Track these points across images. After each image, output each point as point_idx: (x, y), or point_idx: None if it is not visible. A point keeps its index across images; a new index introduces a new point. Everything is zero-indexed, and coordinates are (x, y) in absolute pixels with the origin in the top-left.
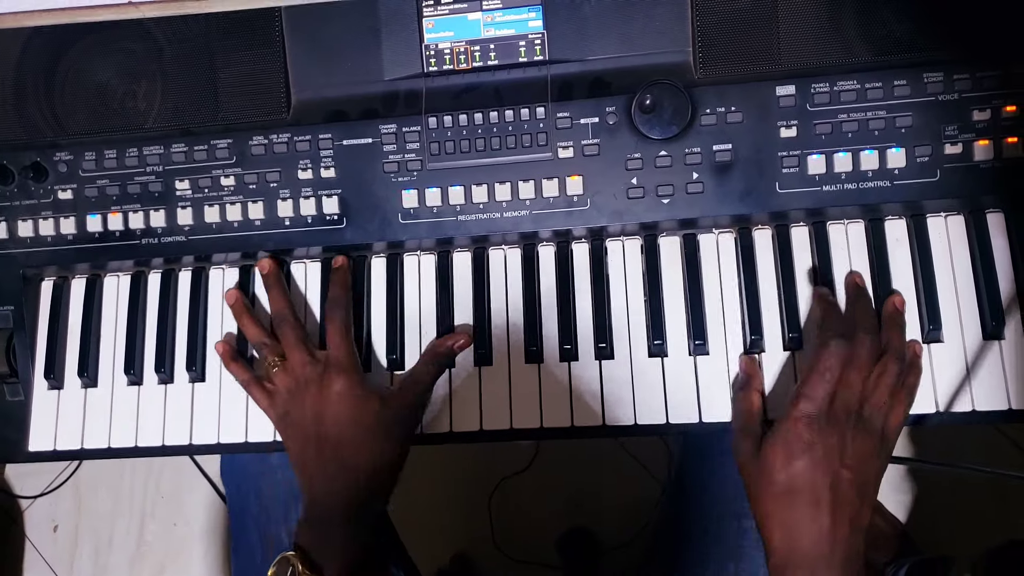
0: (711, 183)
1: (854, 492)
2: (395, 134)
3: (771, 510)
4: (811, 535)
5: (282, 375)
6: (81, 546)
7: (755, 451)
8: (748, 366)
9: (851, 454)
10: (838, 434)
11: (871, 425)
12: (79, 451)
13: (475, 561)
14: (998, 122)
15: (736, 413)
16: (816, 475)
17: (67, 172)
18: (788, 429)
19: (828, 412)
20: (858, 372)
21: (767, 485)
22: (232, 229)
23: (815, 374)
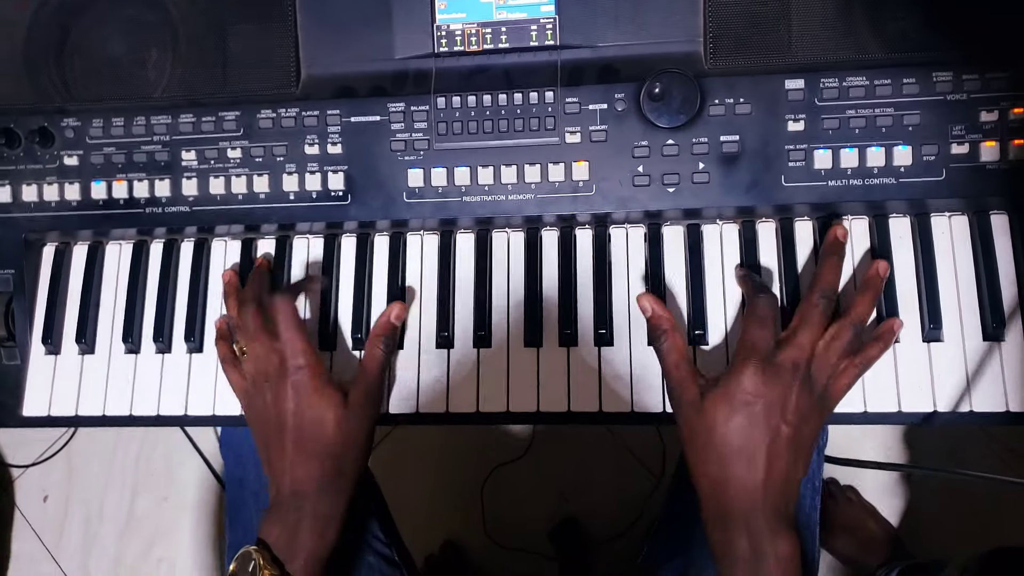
0: (717, 174)
1: (792, 448)
2: (403, 113)
3: (707, 462)
4: (744, 490)
5: (248, 363)
6: (71, 517)
7: (697, 400)
8: (654, 306)
9: (792, 410)
10: (782, 387)
11: (815, 384)
12: (73, 418)
13: (466, 549)
14: (1005, 124)
15: (668, 362)
16: (755, 430)
17: (74, 138)
18: (730, 381)
19: (774, 364)
20: (808, 331)
21: (706, 437)
22: (236, 202)
23: (750, 323)
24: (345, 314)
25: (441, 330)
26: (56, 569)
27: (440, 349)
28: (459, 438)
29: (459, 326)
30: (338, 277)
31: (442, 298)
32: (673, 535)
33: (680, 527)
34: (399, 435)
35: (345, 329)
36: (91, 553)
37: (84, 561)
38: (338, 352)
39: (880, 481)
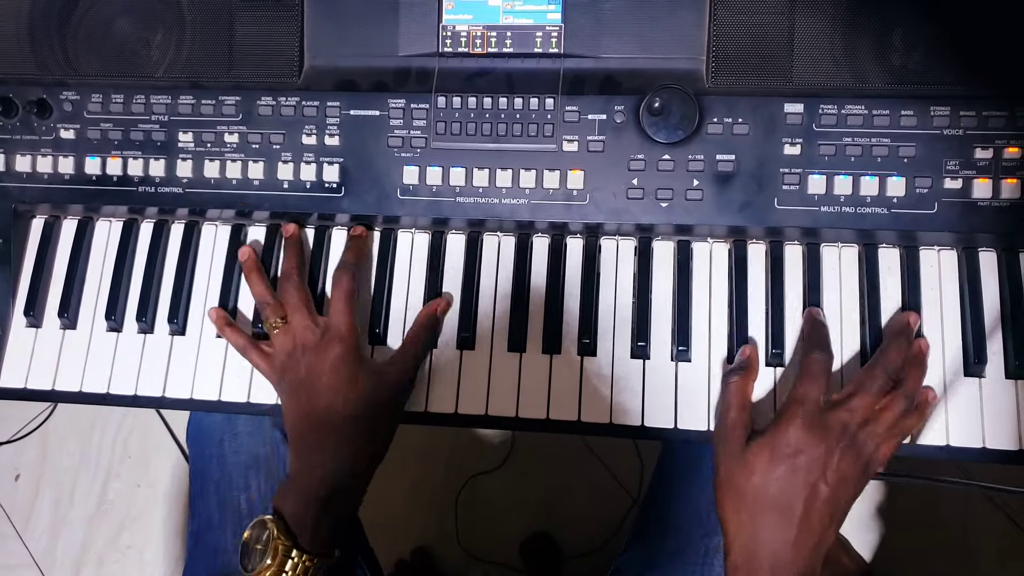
0: (711, 192)
1: (827, 510)
2: (403, 109)
3: (740, 509)
4: (775, 542)
5: (282, 337)
6: (41, 498)
7: (742, 445)
8: (752, 355)
9: (833, 471)
10: (826, 447)
11: (861, 450)
12: (50, 392)
13: (436, 556)
14: (999, 162)
15: (729, 399)
16: (795, 484)
17: (71, 112)
18: (776, 433)
19: (821, 422)
20: (862, 398)
21: (743, 483)
22: (230, 186)
23: (801, 380)
24: None
25: None
26: (23, 549)
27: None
28: (437, 445)
29: (444, 327)
30: (326, 269)
31: (429, 297)
32: (644, 552)
33: (652, 544)
34: None
35: None
36: (60, 535)
37: (52, 543)
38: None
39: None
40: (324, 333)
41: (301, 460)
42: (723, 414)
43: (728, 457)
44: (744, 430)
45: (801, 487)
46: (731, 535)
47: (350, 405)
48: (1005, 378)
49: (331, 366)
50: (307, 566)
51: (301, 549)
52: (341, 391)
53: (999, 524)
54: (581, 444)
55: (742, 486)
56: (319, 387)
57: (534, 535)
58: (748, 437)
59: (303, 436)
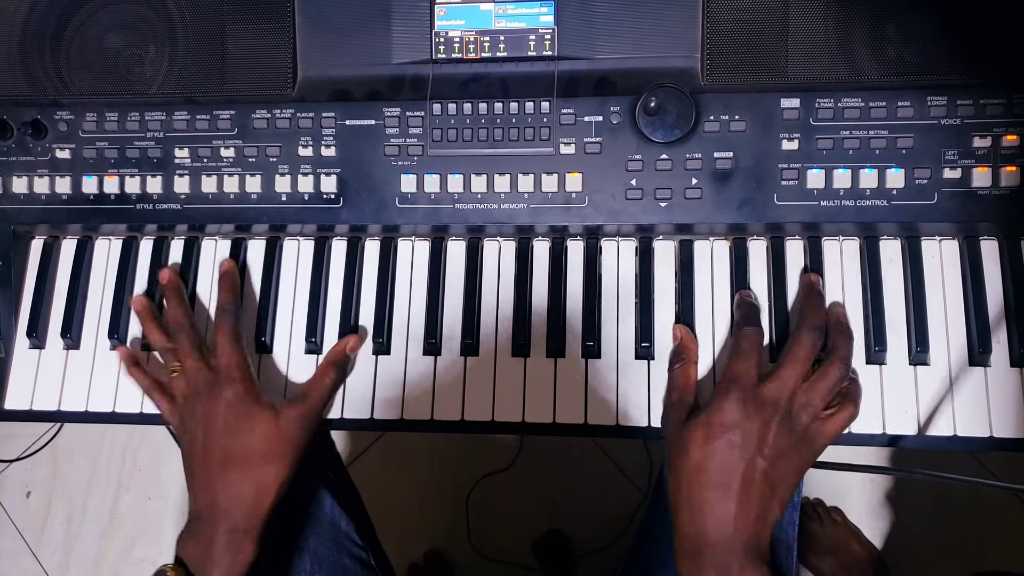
0: (710, 190)
1: (766, 484)
2: (398, 118)
3: (682, 486)
4: (715, 518)
5: (180, 381)
6: (53, 514)
7: (680, 424)
8: (685, 336)
9: (770, 445)
10: (761, 422)
11: (796, 421)
12: (56, 412)
13: (449, 558)
14: (998, 150)
15: (671, 385)
16: (731, 458)
17: (66, 131)
18: (711, 410)
19: (755, 397)
20: (791, 368)
21: (683, 460)
22: (228, 201)
23: (734, 356)
24: (332, 318)
25: (429, 336)
26: (37, 566)
27: (427, 356)
28: (446, 447)
29: (447, 333)
30: (327, 280)
31: (431, 305)
32: (650, 551)
33: (658, 543)
34: (386, 443)
35: (331, 333)
36: (72, 550)
37: (65, 558)
38: (323, 357)
39: (865, 503)
40: (216, 376)
41: (199, 504)
42: (665, 398)
43: (670, 438)
44: (683, 411)
45: (737, 462)
46: (676, 517)
47: (244, 445)
48: (1010, 366)
49: (225, 407)
50: None
51: None
52: (236, 432)
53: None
54: (590, 442)
55: (681, 465)
56: (215, 430)
57: (546, 533)
58: (689, 415)
59: (201, 480)
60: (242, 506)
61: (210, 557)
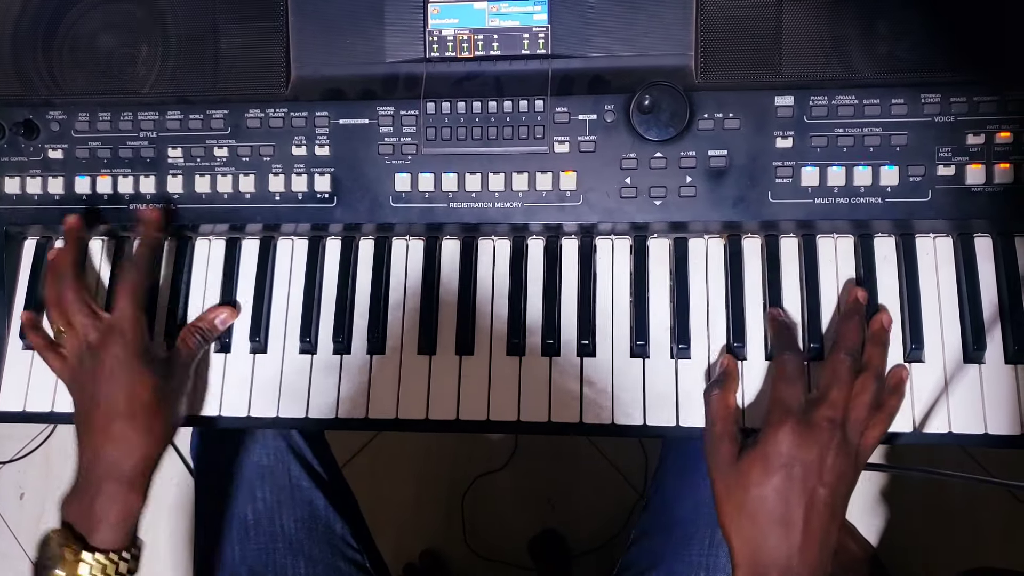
0: (704, 188)
1: (828, 512)
2: (392, 117)
3: (741, 522)
4: (779, 552)
5: (71, 340)
6: (47, 515)
7: (733, 458)
8: (730, 365)
9: (828, 471)
10: (818, 450)
11: (850, 442)
12: (49, 414)
13: (445, 558)
14: (991, 147)
15: (712, 414)
16: (792, 493)
17: (59, 131)
18: (766, 442)
19: (810, 424)
20: (839, 390)
21: (740, 497)
22: (222, 200)
23: (778, 383)
24: (327, 317)
25: (424, 335)
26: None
27: (422, 355)
28: (441, 447)
29: (442, 332)
30: (321, 279)
31: (426, 304)
32: (649, 547)
33: (657, 539)
34: (380, 443)
35: (325, 333)
36: None
37: None
38: (318, 356)
39: (860, 500)
40: (107, 330)
41: (84, 459)
42: (709, 429)
43: (721, 472)
44: (731, 442)
45: (799, 494)
46: (736, 550)
47: (131, 402)
48: (1004, 363)
49: (112, 362)
50: (104, 564)
51: (93, 549)
52: (121, 387)
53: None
54: (585, 441)
55: (740, 500)
56: (100, 385)
57: (542, 533)
58: (740, 448)
59: (85, 436)
60: (128, 458)
61: (93, 512)
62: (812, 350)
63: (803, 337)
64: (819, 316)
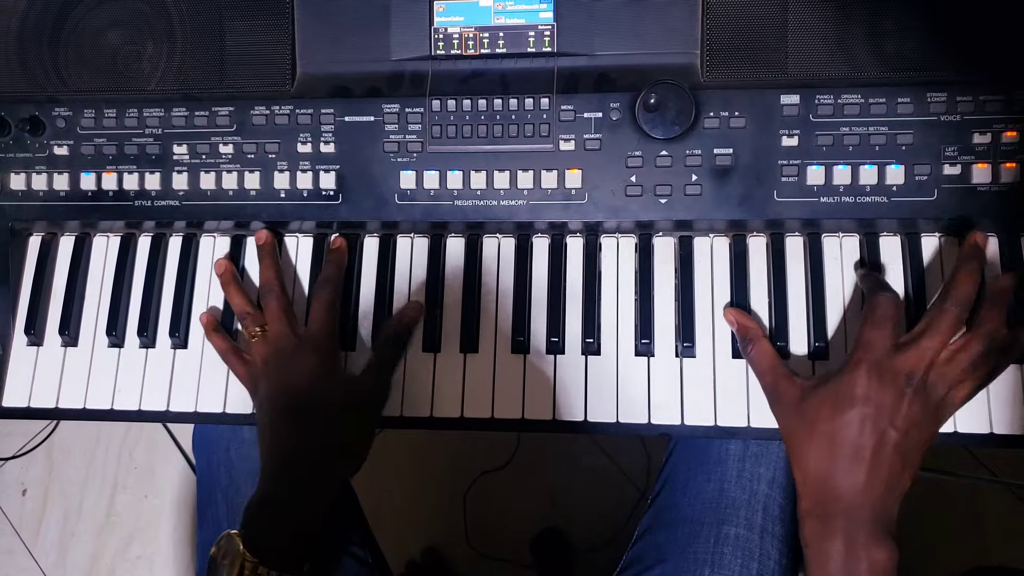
0: (709, 186)
1: (898, 456)
2: (397, 114)
3: (809, 457)
4: (845, 488)
5: (260, 345)
6: (49, 512)
7: (796, 396)
8: (739, 317)
9: (903, 416)
10: (894, 393)
11: (931, 393)
12: (54, 410)
13: (447, 556)
14: (998, 146)
15: (757, 367)
16: (863, 431)
17: (64, 128)
18: (840, 380)
19: (890, 367)
20: (931, 339)
21: (807, 432)
22: (227, 197)
23: (869, 324)
24: None
25: (428, 333)
26: (33, 564)
27: (426, 352)
28: (443, 445)
29: (446, 330)
30: None
31: (430, 302)
32: (654, 544)
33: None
34: (382, 441)
35: None
36: (69, 548)
37: (62, 556)
38: None
39: None
40: (301, 343)
41: (271, 473)
42: (762, 382)
43: (786, 414)
44: (788, 383)
45: (869, 434)
46: (800, 483)
47: (322, 416)
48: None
49: (307, 375)
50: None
51: (268, 565)
52: (315, 402)
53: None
54: (588, 439)
55: (808, 435)
56: (293, 396)
57: (544, 531)
58: (806, 387)
59: (272, 447)
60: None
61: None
62: (816, 349)
63: (808, 337)
64: (824, 315)
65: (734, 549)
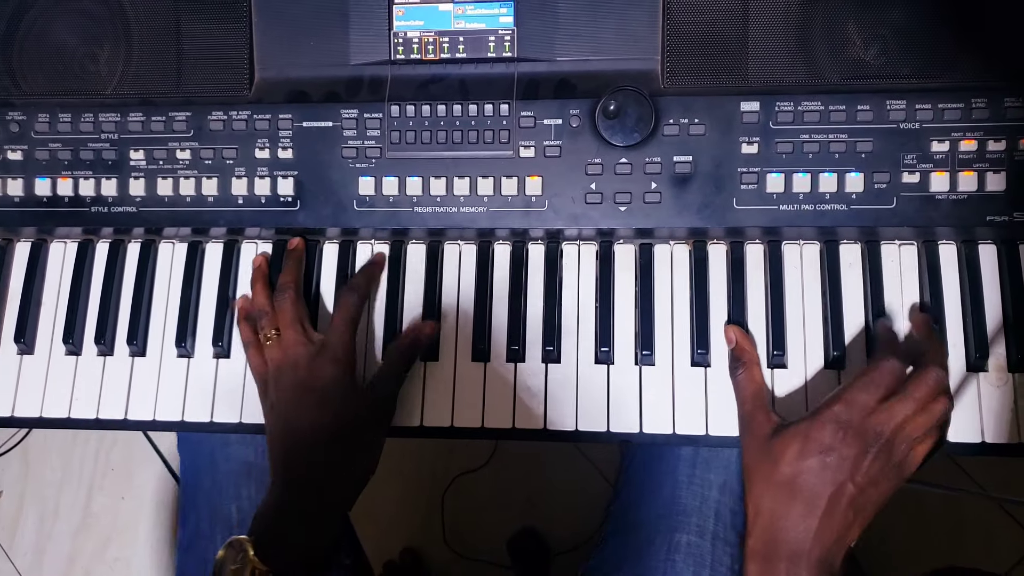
0: (669, 194)
1: (851, 509)
2: (356, 120)
3: (765, 495)
4: (795, 531)
5: (275, 349)
6: (25, 514)
7: (767, 432)
8: (740, 338)
9: (864, 473)
10: (859, 450)
11: (895, 453)
12: (9, 418)
13: (424, 556)
14: (956, 155)
15: (741, 392)
16: (822, 480)
17: (18, 132)
18: (812, 426)
19: (859, 425)
20: (905, 404)
21: (770, 471)
22: (184, 203)
23: (863, 383)
24: None
25: (388, 341)
26: (9, 566)
27: None
28: (422, 446)
29: None
30: None
31: (390, 309)
32: (611, 552)
33: (618, 543)
34: None
35: None
36: (45, 551)
37: (38, 559)
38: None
39: None
40: (319, 351)
41: (283, 480)
42: (741, 408)
43: (753, 446)
44: (765, 416)
45: (828, 483)
46: (752, 519)
47: (338, 426)
48: (967, 371)
49: (323, 385)
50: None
51: (277, 573)
52: (330, 411)
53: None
54: None
55: (768, 473)
56: (306, 405)
57: (521, 531)
58: (779, 425)
59: (285, 455)
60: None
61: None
62: (775, 358)
63: (767, 345)
64: (783, 323)
65: (686, 557)
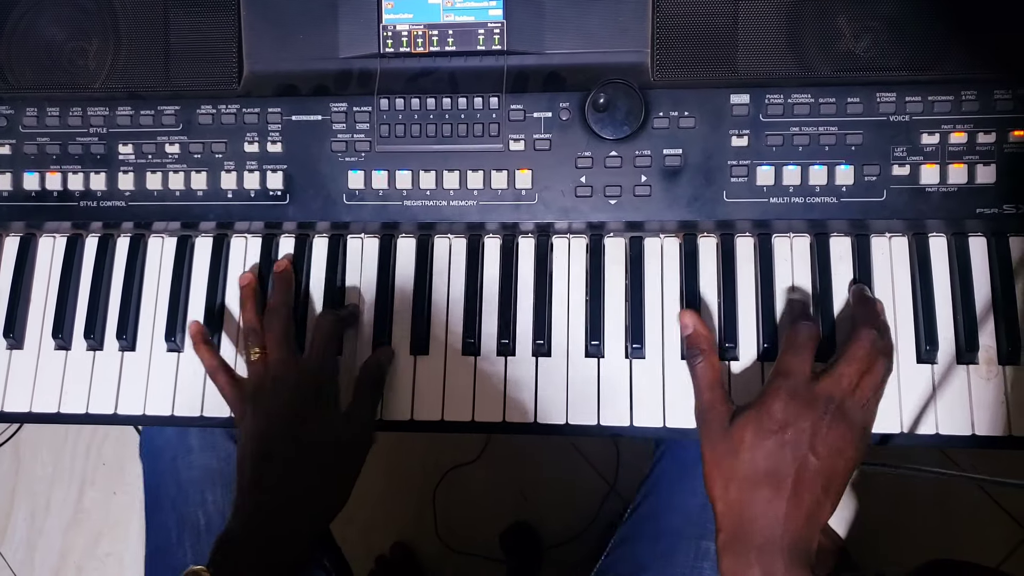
0: (659, 187)
1: (819, 482)
2: (345, 113)
3: (728, 486)
4: (764, 518)
5: (259, 367)
6: (17, 509)
7: (724, 422)
8: (696, 325)
9: (823, 442)
10: (813, 418)
11: (850, 417)
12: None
13: (416, 551)
14: (946, 147)
15: (699, 381)
16: (783, 459)
17: (6, 127)
18: (762, 406)
19: (805, 392)
20: (849, 365)
21: (731, 460)
22: (173, 198)
23: (785, 349)
24: None
25: (379, 335)
26: (1, 562)
27: None
28: (413, 440)
29: (397, 332)
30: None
31: (381, 303)
32: (632, 553)
33: (641, 546)
34: None
35: None
36: (37, 547)
37: (29, 554)
38: None
39: None
40: (302, 374)
41: (249, 504)
42: (697, 399)
43: (711, 438)
44: (721, 407)
45: (790, 461)
46: (720, 513)
47: (316, 452)
48: (957, 363)
49: (303, 408)
50: None
51: None
52: (309, 436)
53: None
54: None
55: (729, 464)
56: (287, 427)
57: (513, 525)
58: (733, 412)
59: (257, 476)
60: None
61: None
62: (765, 351)
63: (757, 337)
64: (773, 315)
65: (714, 564)
